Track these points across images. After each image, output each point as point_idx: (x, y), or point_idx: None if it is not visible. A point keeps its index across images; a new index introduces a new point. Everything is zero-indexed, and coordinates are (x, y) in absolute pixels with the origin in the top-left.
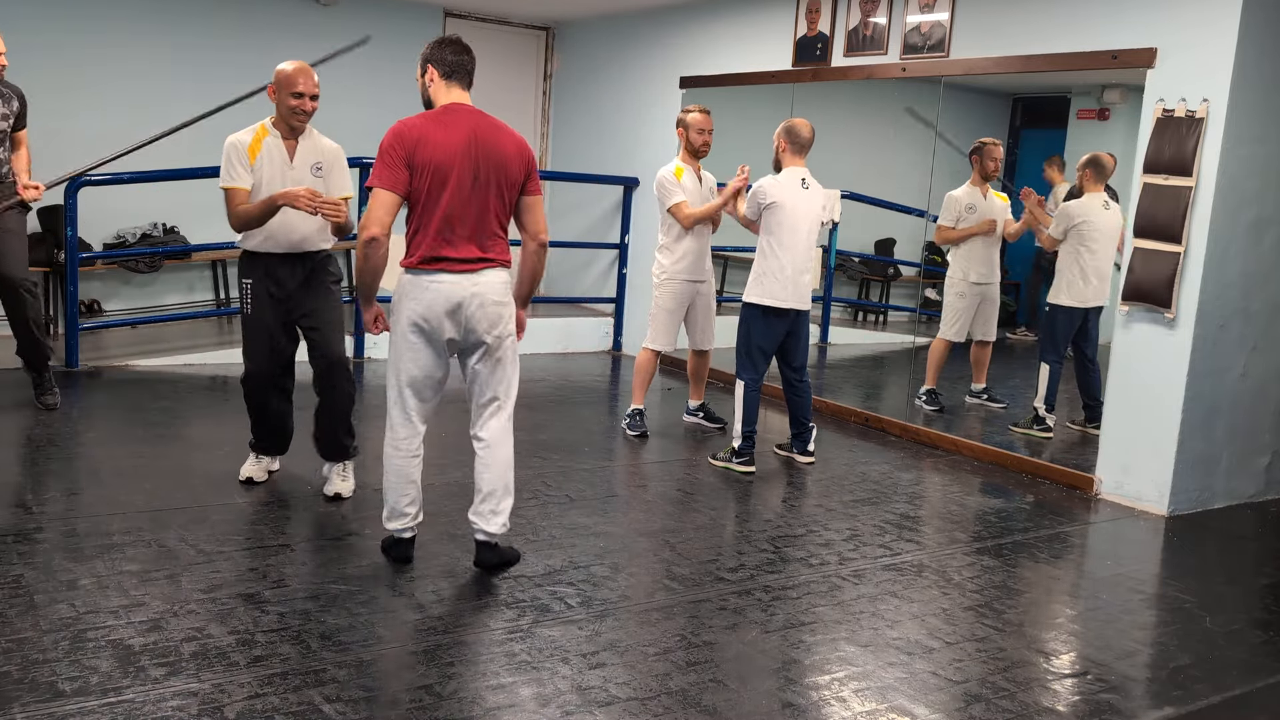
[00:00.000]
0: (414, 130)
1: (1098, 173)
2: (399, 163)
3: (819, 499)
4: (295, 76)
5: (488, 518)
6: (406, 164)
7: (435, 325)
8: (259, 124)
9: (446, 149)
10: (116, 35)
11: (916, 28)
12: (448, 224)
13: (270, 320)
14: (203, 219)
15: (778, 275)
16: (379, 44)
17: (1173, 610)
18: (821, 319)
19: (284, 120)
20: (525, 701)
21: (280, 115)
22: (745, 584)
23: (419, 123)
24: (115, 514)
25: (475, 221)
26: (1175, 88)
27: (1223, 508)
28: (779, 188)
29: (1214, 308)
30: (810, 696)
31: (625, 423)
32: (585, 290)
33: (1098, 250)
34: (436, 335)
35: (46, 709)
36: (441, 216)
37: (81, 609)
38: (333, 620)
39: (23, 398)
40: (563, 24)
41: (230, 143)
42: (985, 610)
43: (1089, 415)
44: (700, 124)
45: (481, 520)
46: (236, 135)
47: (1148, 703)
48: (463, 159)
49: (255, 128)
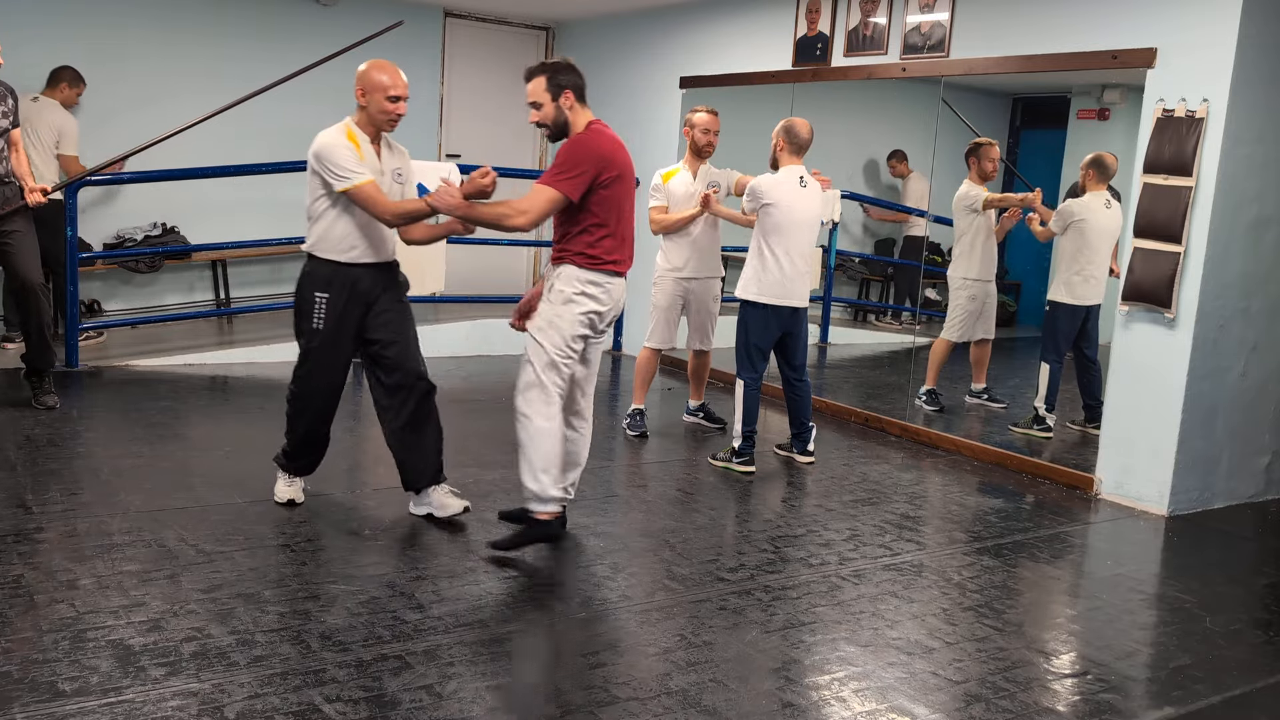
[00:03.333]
0: (601, 145)
1: (1100, 172)
2: (587, 174)
3: (819, 499)
4: (390, 80)
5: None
6: (595, 176)
7: (603, 323)
8: (343, 126)
9: (624, 165)
10: (116, 35)
11: (916, 28)
12: (625, 232)
13: (344, 338)
14: (203, 219)
15: (772, 272)
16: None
17: (1173, 610)
18: (821, 319)
19: (373, 124)
20: (525, 701)
21: (370, 118)
22: (745, 584)
23: (598, 139)
24: (115, 514)
25: (631, 230)
26: (1175, 88)
27: (1223, 508)
28: (777, 187)
29: (1214, 308)
30: (810, 696)
31: (625, 423)
32: None
33: (1098, 249)
34: (598, 329)
35: (46, 709)
36: (625, 225)
37: (81, 609)
38: (333, 620)
39: (23, 398)
40: (563, 24)
41: (332, 143)
42: (985, 610)
43: (1089, 415)
44: (705, 124)
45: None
46: (331, 135)
47: (1148, 703)
48: (631, 174)
49: (341, 129)
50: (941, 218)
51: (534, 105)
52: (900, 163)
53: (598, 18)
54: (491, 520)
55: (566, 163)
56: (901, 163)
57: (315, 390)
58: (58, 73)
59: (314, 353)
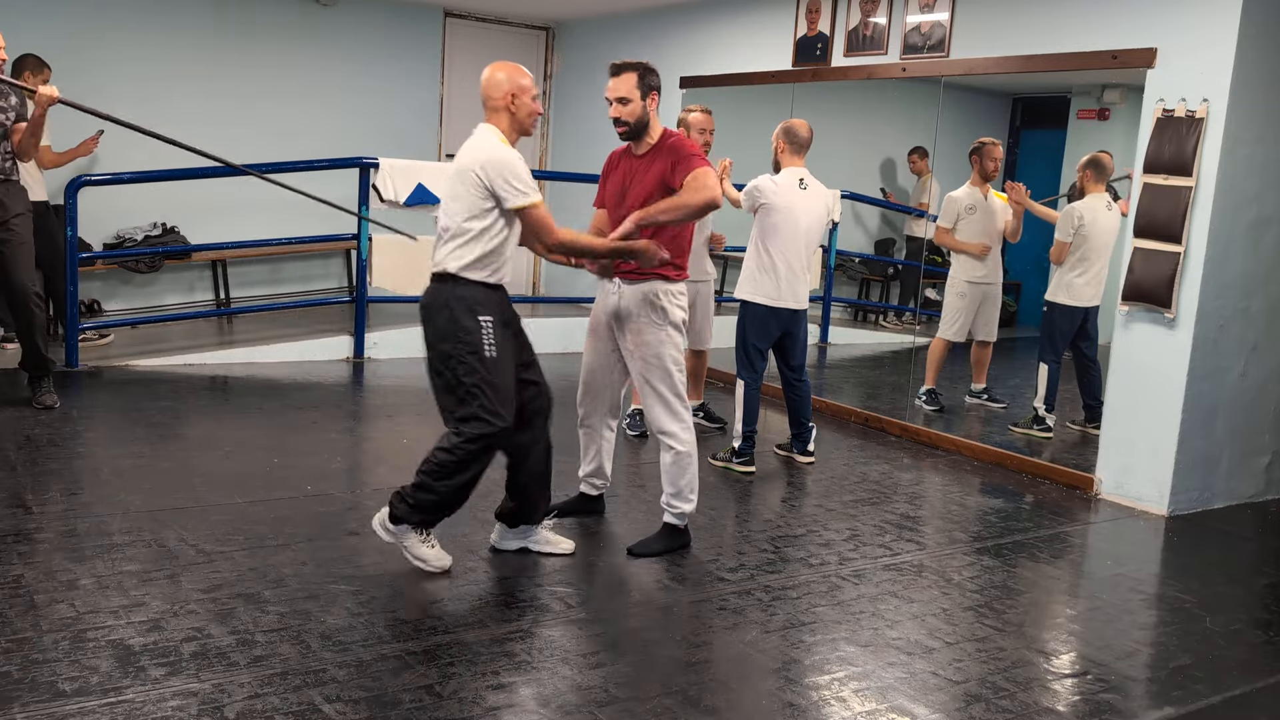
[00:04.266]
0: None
1: (1098, 173)
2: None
3: (819, 499)
4: (531, 79)
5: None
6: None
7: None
8: (495, 134)
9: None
10: (115, 35)
11: (916, 28)
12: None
13: (511, 364)
14: (203, 219)
15: (770, 273)
16: (379, 44)
17: (1173, 610)
18: (821, 319)
19: (520, 129)
20: (525, 701)
21: (519, 123)
22: (745, 584)
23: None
24: (115, 514)
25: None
26: (1175, 88)
27: (1223, 508)
28: (776, 188)
29: (1214, 308)
30: (810, 696)
31: (625, 423)
32: (585, 290)
33: (1099, 250)
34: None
35: (46, 709)
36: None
37: (81, 609)
38: (333, 620)
39: (23, 398)
40: (563, 24)
41: (510, 155)
42: (985, 610)
43: (1089, 415)
44: (701, 124)
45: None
46: (501, 147)
47: (1148, 703)
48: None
49: (499, 139)
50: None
51: (621, 101)
52: (921, 159)
53: (598, 18)
54: (491, 520)
55: (698, 154)
56: (922, 159)
57: (499, 431)
58: (20, 61)
59: (490, 382)
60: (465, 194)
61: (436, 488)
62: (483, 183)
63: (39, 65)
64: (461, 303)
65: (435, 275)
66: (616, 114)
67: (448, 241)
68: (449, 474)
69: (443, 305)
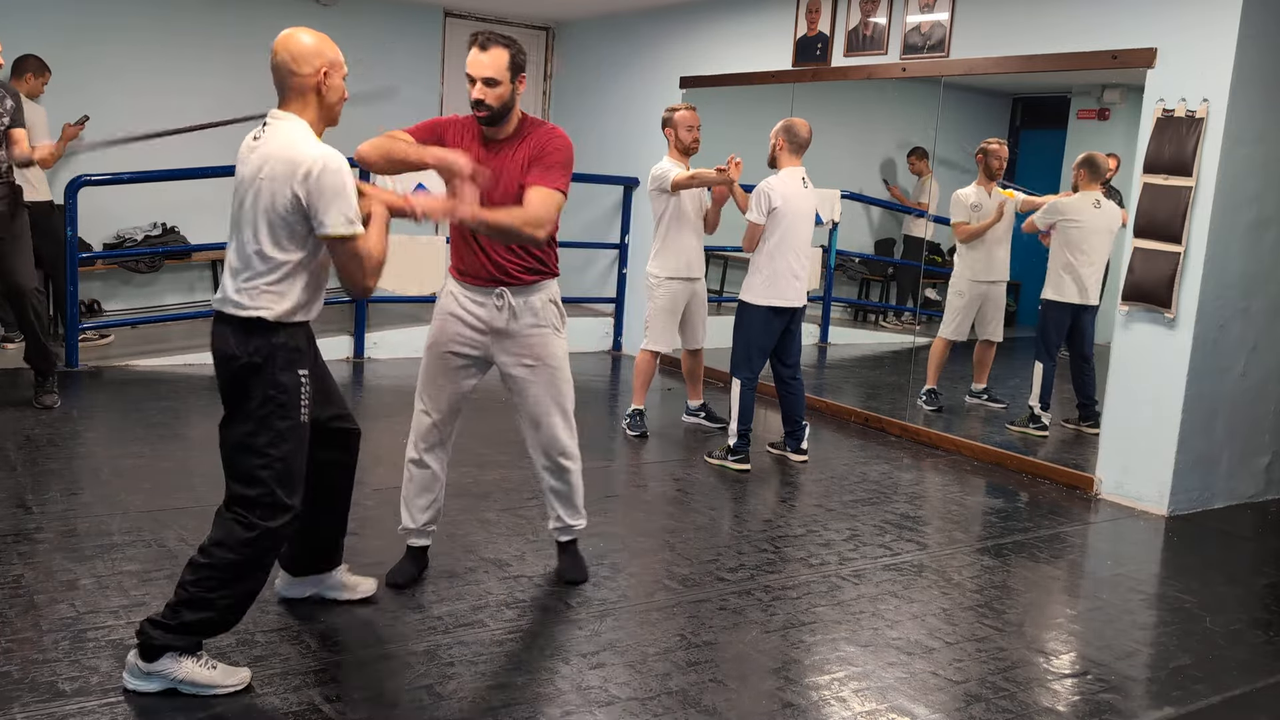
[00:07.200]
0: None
1: (1092, 172)
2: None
3: (819, 499)
4: (338, 51)
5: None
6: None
7: None
8: (308, 131)
9: None
10: (114, 34)
11: (916, 28)
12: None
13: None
14: (203, 219)
15: (783, 274)
16: (379, 44)
17: (1173, 610)
18: (821, 319)
19: (331, 116)
20: (525, 701)
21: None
22: (745, 584)
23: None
24: (115, 514)
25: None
26: (1175, 88)
27: (1223, 508)
28: (785, 188)
29: (1214, 308)
30: (810, 696)
31: (625, 423)
32: (585, 290)
33: (1087, 249)
34: None
35: (46, 709)
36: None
37: (81, 609)
38: (333, 620)
39: (23, 398)
40: (563, 24)
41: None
42: (985, 610)
43: (1083, 414)
44: (688, 121)
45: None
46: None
47: (1148, 703)
48: None
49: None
50: (941, 218)
51: (488, 82)
52: (920, 160)
53: (598, 18)
54: (491, 520)
55: (567, 162)
56: (921, 160)
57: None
58: (21, 62)
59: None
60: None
61: (215, 600)
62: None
63: (40, 68)
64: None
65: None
66: (481, 96)
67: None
68: (238, 576)
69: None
